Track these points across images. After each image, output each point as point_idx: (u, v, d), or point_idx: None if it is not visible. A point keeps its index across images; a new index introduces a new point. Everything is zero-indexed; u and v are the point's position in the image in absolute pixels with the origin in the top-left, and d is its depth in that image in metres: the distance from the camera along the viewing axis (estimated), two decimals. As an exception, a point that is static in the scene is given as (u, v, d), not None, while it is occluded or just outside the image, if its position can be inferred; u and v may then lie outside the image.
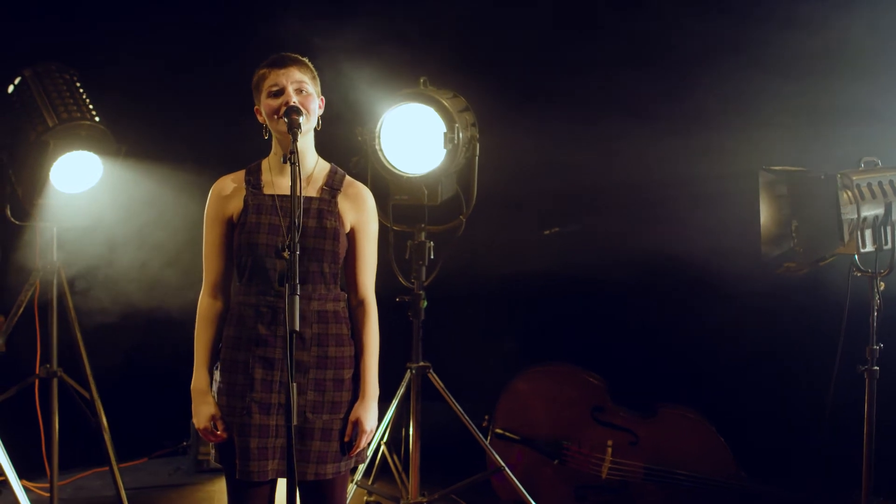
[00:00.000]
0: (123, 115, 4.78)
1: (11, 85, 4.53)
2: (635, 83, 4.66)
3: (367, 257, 3.13)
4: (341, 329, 3.06)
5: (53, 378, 4.63)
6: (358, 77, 4.46)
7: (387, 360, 4.35)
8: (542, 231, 5.32)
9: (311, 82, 3.06)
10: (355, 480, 4.38)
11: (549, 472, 4.96)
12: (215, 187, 3.11)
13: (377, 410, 3.11)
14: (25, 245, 4.84)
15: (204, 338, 3.08)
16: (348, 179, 3.14)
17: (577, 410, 4.96)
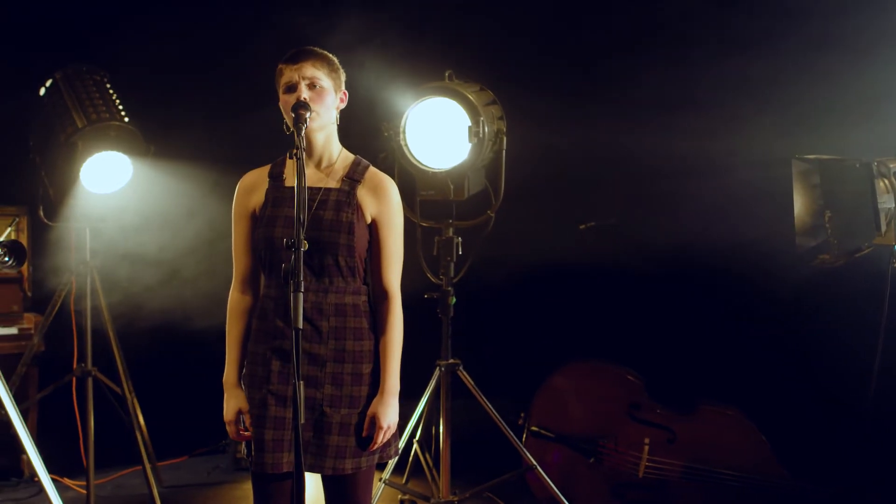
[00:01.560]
0: (153, 115, 4.81)
1: (43, 87, 4.59)
2: (667, 72, 4.55)
3: (390, 249, 3.07)
4: (360, 323, 3.02)
5: (88, 377, 4.67)
6: (385, 71, 4.43)
7: (417, 358, 4.33)
8: (578, 225, 5.23)
9: (328, 76, 3.02)
10: (384, 479, 4.35)
11: (586, 471, 4.87)
12: (240, 183, 3.11)
13: (397, 407, 3.06)
14: (59, 245, 4.90)
15: (234, 332, 3.08)
16: (371, 170, 3.09)
17: (614, 408, 4.87)
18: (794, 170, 3.78)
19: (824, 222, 3.68)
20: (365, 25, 4.65)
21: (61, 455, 5.31)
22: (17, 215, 4.42)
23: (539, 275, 5.11)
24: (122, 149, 4.50)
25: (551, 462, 4.89)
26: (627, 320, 5.12)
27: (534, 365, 5.05)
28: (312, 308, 2.95)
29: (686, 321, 4.99)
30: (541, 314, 5.35)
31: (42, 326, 4.86)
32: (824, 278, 4.11)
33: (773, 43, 4.37)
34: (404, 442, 4.39)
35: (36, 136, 4.67)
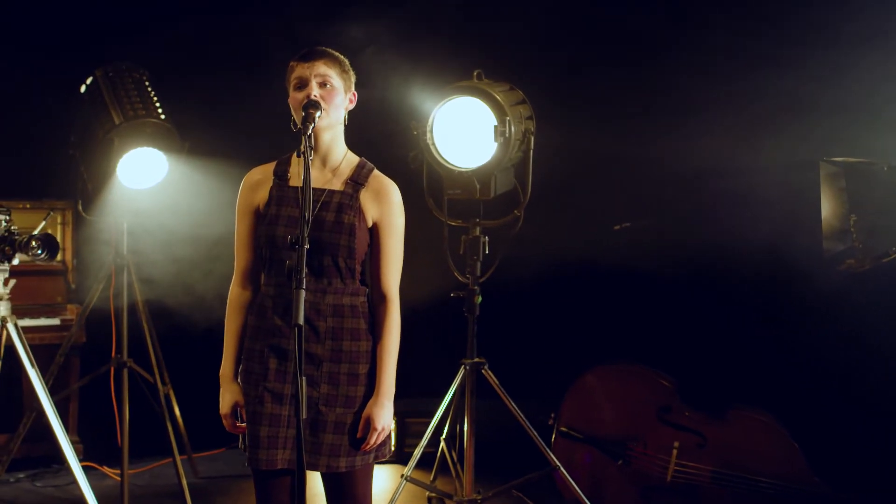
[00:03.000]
0: (191, 113, 4.90)
1: (84, 85, 4.70)
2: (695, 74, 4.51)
3: (390, 253, 3.10)
4: (358, 324, 3.05)
5: (124, 367, 4.78)
6: (415, 70, 4.45)
7: (442, 356, 4.34)
8: (612, 226, 5.20)
9: (339, 76, 3.05)
10: (405, 475, 4.37)
11: (615, 473, 4.84)
12: (245, 179, 3.15)
13: (392, 409, 3.09)
14: (101, 239, 5.02)
15: (232, 326, 3.12)
16: (375, 174, 3.12)
17: (644, 410, 4.83)
18: (822, 172, 3.73)
19: (850, 226, 3.62)
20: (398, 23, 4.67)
21: (101, 444, 5.46)
22: (52, 209, 4.55)
23: (568, 275, 5.10)
24: (157, 145, 4.59)
25: (581, 463, 4.87)
26: (659, 322, 5.08)
27: (562, 365, 5.04)
28: (310, 308, 2.98)
29: (718, 324, 4.93)
30: (570, 315, 5.34)
31: (80, 318, 4.98)
32: (853, 282, 4.03)
33: (800, 45, 4.30)
34: (426, 439, 4.42)
35: (76, 132, 4.80)
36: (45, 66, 5.41)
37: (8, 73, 5.52)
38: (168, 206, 4.77)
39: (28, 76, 5.47)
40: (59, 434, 4.18)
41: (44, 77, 5.38)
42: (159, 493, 5.11)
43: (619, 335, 5.16)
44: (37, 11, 5.49)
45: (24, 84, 5.50)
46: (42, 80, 5.40)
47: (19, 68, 5.49)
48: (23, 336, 4.13)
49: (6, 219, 4.06)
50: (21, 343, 4.11)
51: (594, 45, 5.03)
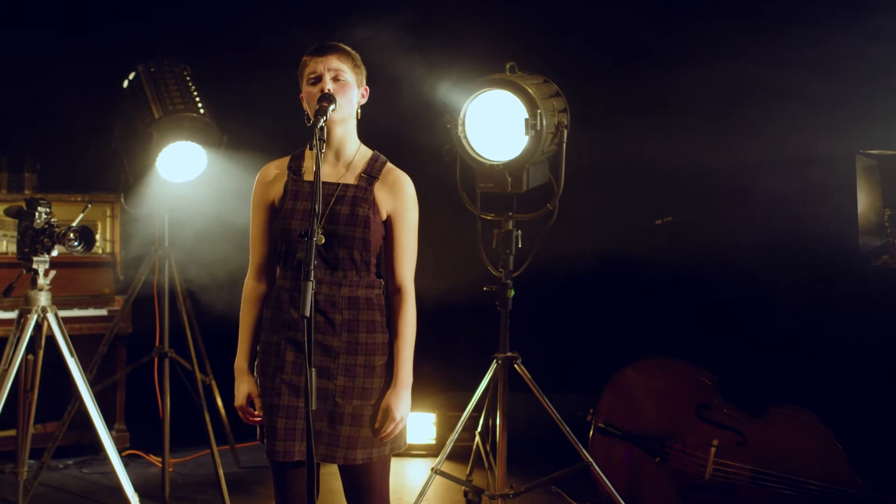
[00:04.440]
0: (231, 108, 4.96)
1: (126, 80, 4.79)
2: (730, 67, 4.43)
3: (405, 245, 3.11)
4: (374, 316, 3.06)
5: (165, 358, 4.86)
6: (451, 62, 4.45)
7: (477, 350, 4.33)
8: (653, 221, 5.14)
9: (352, 70, 3.07)
10: (435, 467, 4.37)
11: (653, 470, 4.78)
12: (260, 173, 3.18)
13: (410, 399, 3.09)
14: (144, 231, 5.11)
15: (246, 319, 3.16)
16: (388, 167, 3.14)
17: (683, 407, 4.76)
18: (858, 165, 3.63)
19: (885, 220, 3.52)
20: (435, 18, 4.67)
21: (147, 432, 5.57)
22: (90, 202, 4.64)
23: (606, 270, 5.05)
24: (196, 139, 4.65)
25: (619, 460, 4.82)
26: (699, 318, 5.01)
27: (599, 361, 5.00)
28: (326, 301, 3.00)
29: (758, 320, 4.84)
30: (607, 310, 5.29)
31: (122, 309, 5.08)
32: (891, 278, 3.92)
33: (836, 36, 4.19)
34: (456, 433, 4.41)
35: (118, 127, 4.89)
36: (94, 62, 5.53)
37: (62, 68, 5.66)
38: (209, 198, 4.83)
39: (78, 71, 5.60)
40: (97, 422, 4.28)
41: (94, 72, 5.49)
42: (201, 482, 5.19)
43: (658, 331, 5.10)
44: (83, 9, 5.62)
45: (76, 79, 5.63)
46: (93, 75, 5.51)
47: (71, 64, 5.63)
48: (63, 326, 4.22)
49: (46, 211, 4.15)
50: (61, 333, 4.20)
51: (632, 38, 4.96)
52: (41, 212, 4.13)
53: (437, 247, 4.95)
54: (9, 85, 5.65)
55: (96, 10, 5.63)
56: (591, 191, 4.57)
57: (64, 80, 5.66)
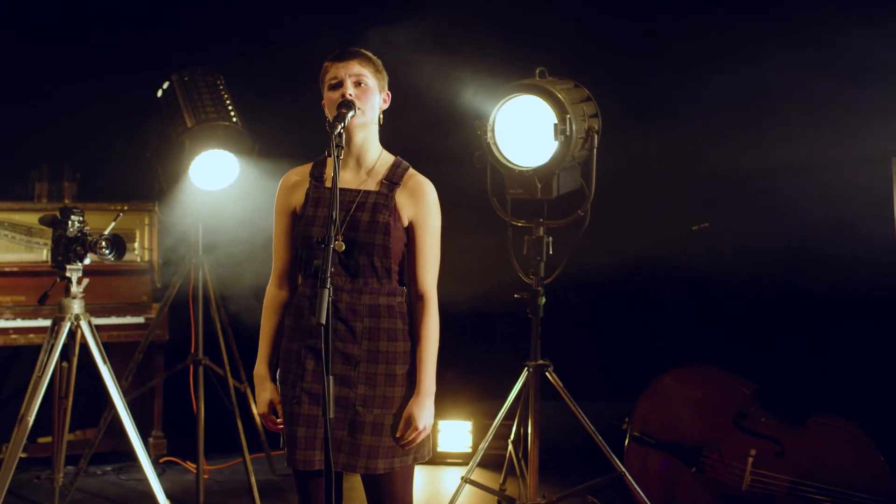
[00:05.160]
0: (263, 114, 4.98)
1: (160, 90, 4.84)
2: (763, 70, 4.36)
3: (427, 252, 3.08)
4: (395, 324, 3.03)
5: (199, 365, 4.89)
6: (480, 68, 4.43)
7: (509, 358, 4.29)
8: (689, 226, 5.06)
9: (373, 76, 3.06)
10: (466, 476, 4.34)
11: (689, 480, 4.70)
12: (282, 180, 3.18)
13: (433, 408, 3.06)
14: (181, 239, 5.14)
15: (267, 326, 3.15)
16: (410, 172, 3.11)
17: (720, 416, 4.67)
18: (895, 169, 3.53)
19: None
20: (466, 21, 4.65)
21: (185, 439, 5.59)
22: (122, 210, 4.66)
23: (639, 276, 4.99)
24: (228, 147, 4.68)
25: (654, 469, 4.75)
26: (736, 324, 4.92)
27: (634, 368, 4.93)
28: (347, 308, 2.98)
29: (797, 326, 4.74)
30: (641, 317, 5.22)
31: (157, 316, 5.12)
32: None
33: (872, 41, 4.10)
34: (486, 442, 4.38)
35: (153, 136, 4.94)
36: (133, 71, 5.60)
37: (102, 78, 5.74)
38: (242, 206, 4.85)
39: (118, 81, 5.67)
40: (129, 429, 4.31)
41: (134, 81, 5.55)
42: (236, 489, 5.21)
43: (693, 338, 5.01)
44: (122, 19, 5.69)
45: (116, 89, 5.70)
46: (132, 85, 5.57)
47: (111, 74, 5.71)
48: (96, 333, 4.26)
49: (79, 220, 4.19)
50: (94, 340, 4.24)
51: (665, 42, 4.90)
52: (74, 220, 4.18)
53: (472, 253, 4.93)
54: (50, 96, 5.73)
55: (134, 20, 5.69)
56: (624, 196, 4.53)
57: (104, 90, 5.73)
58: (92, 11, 5.74)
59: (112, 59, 5.77)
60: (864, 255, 4.00)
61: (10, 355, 5.43)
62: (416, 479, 4.56)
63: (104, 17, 5.74)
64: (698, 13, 4.84)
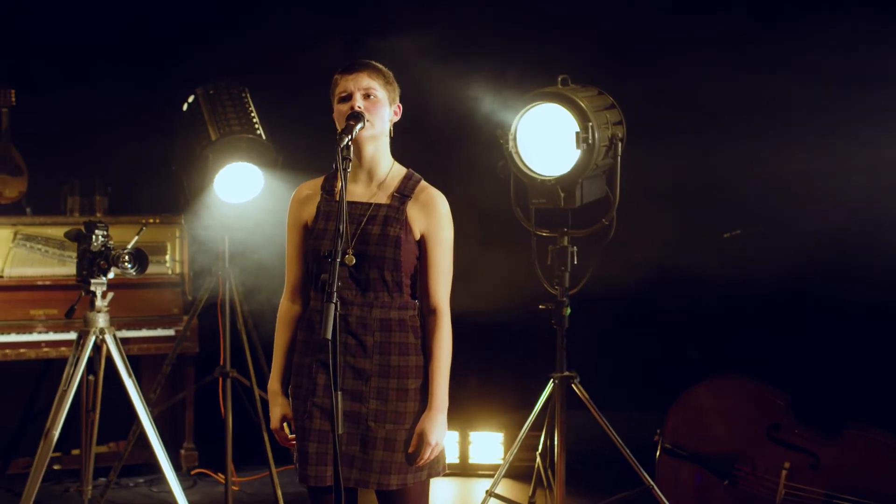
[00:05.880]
0: (288, 126, 4.98)
1: (185, 103, 4.86)
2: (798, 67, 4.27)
3: (439, 265, 3.04)
4: (406, 338, 3.00)
5: (226, 378, 4.90)
6: (503, 77, 4.39)
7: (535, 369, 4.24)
8: (721, 234, 4.97)
9: (383, 88, 3.03)
10: (491, 490, 4.29)
11: (722, 493, 4.61)
12: (294, 194, 3.16)
13: (446, 423, 3.02)
14: (210, 252, 5.16)
15: (280, 340, 3.13)
16: (422, 185, 3.07)
17: (753, 428, 4.57)
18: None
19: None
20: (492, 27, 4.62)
21: (217, 451, 5.60)
22: (145, 224, 4.71)
23: (669, 285, 4.91)
24: (252, 160, 4.68)
25: (686, 482, 4.66)
26: (769, 334, 4.82)
27: (664, 379, 4.85)
28: (357, 323, 2.95)
29: (831, 336, 4.63)
30: (671, 327, 5.13)
31: (184, 329, 5.13)
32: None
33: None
34: (512, 454, 4.32)
35: (178, 149, 4.97)
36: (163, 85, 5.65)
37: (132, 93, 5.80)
38: (267, 218, 4.84)
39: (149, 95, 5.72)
40: (153, 442, 4.32)
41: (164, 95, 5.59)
42: (265, 501, 5.20)
43: (725, 347, 4.92)
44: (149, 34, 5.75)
45: (147, 103, 5.75)
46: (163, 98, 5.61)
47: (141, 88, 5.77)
48: (121, 347, 4.28)
49: (103, 234, 4.21)
50: (119, 353, 4.26)
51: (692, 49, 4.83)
52: (98, 234, 4.20)
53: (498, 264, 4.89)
54: (82, 111, 5.80)
55: (164, 36, 5.74)
56: (650, 205, 4.44)
57: (136, 104, 5.79)
58: (123, 28, 5.80)
59: (143, 74, 5.82)
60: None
61: (43, 368, 5.48)
62: (446, 492, 4.56)
63: (135, 34, 5.80)
64: (726, 20, 4.76)
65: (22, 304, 5.33)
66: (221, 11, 5.68)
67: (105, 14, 5.78)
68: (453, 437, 5.59)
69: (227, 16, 5.66)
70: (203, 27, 5.66)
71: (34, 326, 5.30)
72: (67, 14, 5.76)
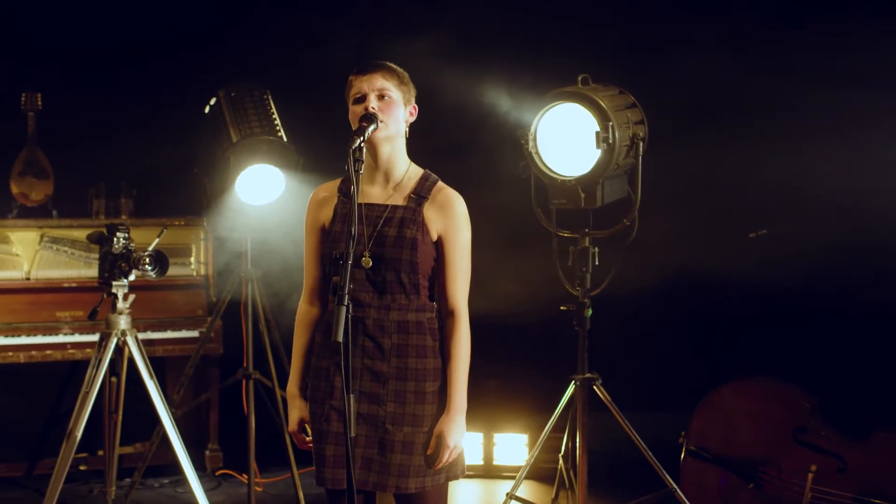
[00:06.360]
0: (310, 128, 4.98)
1: (207, 105, 4.87)
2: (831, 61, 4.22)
3: (457, 266, 3.02)
4: (424, 340, 2.98)
5: (249, 379, 4.90)
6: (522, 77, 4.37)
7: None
8: (746, 234, 4.90)
9: (397, 88, 3.01)
10: (512, 493, 4.27)
11: (747, 497, 4.55)
12: (311, 197, 3.16)
13: (464, 426, 3.00)
14: (227, 254, 5.18)
15: (298, 343, 3.13)
16: (438, 186, 3.06)
17: (779, 431, 4.50)
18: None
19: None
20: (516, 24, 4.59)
21: (241, 452, 5.60)
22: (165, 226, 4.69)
23: (691, 286, 4.86)
24: (273, 162, 4.68)
25: (713, 485, 4.61)
26: (796, 334, 4.75)
27: (688, 381, 4.80)
28: (374, 325, 2.94)
29: (862, 335, 4.56)
30: (695, 328, 5.08)
31: (207, 330, 5.15)
32: None
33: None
34: (533, 457, 4.30)
35: (200, 152, 4.98)
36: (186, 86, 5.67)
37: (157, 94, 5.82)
38: (289, 219, 4.84)
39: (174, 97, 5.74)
40: (175, 443, 4.34)
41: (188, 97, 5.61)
42: (288, 502, 5.20)
43: (750, 349, 4.86)
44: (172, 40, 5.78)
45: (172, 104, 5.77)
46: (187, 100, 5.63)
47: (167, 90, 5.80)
48: (142, 349, 4.30)
49: (125, 236, 4.23)
50: (141, 355, 4.28)
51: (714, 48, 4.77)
52: (119, 237, 4.22)
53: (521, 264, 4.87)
54: (108, 114, 5.84)
55: (188, 40, 5.76)
56: (673, 205, 4.39)
57: (162, 107, 5.81)
58: (150, 30, 5.83)
59: (168, 77, 5.85)
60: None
61: (70, 370, 5.51)
62: (470, 493, 4.52)
63: (162, 37, 5.83)
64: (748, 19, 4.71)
65: (48, 305, 5.37)
66: (247, 11, 5.70)
67: (131, 16, 5.82)
68: (477, 438, 5.57)
69: (253, 15, 5.68)
70: (226, 30, 5.68)
71: (60, 328, 5.33)
72: (93, 18, 5.80)
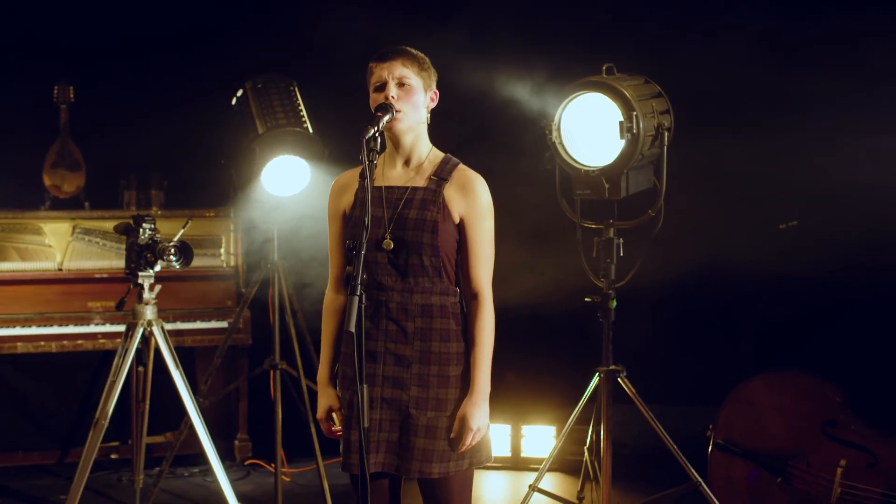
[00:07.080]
0: (336, 120, 4.98)
1: (234, 97, 4.89)
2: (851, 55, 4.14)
3: (479, 249, 3.00)
4: (447, 324, 2.97)
5: (276, 370, 4.93)
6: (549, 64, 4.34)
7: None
8: (777, 225, 4.84)
9: (417, 75, 3.00)
10: (534, 486, 4.25)
11: (775, 491, 4.49)
12: (334, 183, 3.17)
13: (488, 409, 2.98)
14: (255, 244, 5.20)
15: (327, 331, 3.14)
16: (460, 168, 3.04)
17: (808, 424, 4.44)
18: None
19: None
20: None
21: (270, 442, 5.64)
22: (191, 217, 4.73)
23: (720, 278, 4.80)
24: (299, 153, 4.69)
25: (739, 479, 4.56)
26: (826, 327, 4.68)
27: (715, 374, 4.75)
28: (398, 308, 2.94)
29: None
30: (723, 320, 5.02)
31: (234, 321, 5.18)
32: None
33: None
34: (556, 449, 4.27)
35: (227, 143, 5.01)
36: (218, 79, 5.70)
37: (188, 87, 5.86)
38: (316, 210, 4.86)
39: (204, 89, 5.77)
40: (200, 432, 4.37)
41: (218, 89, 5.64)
42: (316, 492, 5.20)
43: (780, 341, 4.80)
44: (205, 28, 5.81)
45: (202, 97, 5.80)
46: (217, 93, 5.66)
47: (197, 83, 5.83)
48: (168, 339, 4.33)
49: (151, 227, 4.27)
50: (167, 345, 4.31)
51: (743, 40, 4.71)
52: (146, 228, 4.26)
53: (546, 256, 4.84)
54: (140, 106, 5.88)
55: (217, 32, 5.79)
56: (701, 195, 4.35)
57: (192, 99, 5.84)
58: (181, 22, 5.88)
59: (199, 69, 5.88)
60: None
61: (101, 359, 5.57)
62: (497, 484, 4.50)
63: (192, 29, 5.86)
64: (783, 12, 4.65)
65: (80, 296, 5.44)
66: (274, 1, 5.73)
67: (163, 9, 5.86)
68: (505, 430, 5.56)
69: (276, 11, 5.70)
70: (258, 19, 5.70)
71: (91, 318, 5.40)
72: (124, 9, 5.85)
